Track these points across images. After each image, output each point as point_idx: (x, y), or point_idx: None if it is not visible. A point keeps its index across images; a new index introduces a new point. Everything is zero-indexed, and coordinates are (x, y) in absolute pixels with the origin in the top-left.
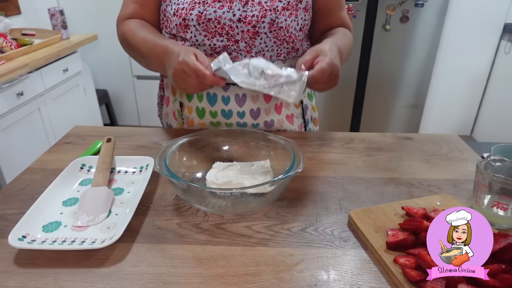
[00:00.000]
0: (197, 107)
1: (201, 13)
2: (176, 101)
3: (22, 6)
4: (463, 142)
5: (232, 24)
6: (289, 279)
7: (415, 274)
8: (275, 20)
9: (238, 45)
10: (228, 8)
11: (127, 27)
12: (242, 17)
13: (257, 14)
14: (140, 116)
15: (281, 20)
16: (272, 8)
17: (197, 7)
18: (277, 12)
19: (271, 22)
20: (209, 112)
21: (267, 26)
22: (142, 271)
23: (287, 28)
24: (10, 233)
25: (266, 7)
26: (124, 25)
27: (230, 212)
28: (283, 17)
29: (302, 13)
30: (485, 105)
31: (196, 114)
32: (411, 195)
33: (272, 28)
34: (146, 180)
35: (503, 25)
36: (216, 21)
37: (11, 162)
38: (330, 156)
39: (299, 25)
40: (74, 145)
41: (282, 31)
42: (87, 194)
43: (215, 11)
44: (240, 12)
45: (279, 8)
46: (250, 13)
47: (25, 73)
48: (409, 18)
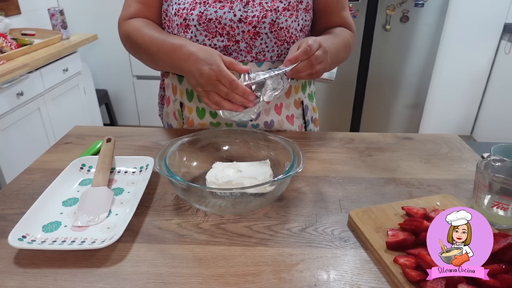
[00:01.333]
0: (197, 107)
1: (201, 13)
2: (176, 101)
3: (22, 6)
4: (463, 142)
5: (232, 24)
6: (289, 279)
7: (415, 274)
8: (276, 20)
9: (238, 45)
10: (229, 9)
11: (131, 26)
12: (243, 18)
13: (258, 15)
14: (140, 116)
15: (281, 20)
16: (273, 8)
17: (198, 7)
18: (278, 13)
19: (271, 23)
20: (209, 113)
21: (267, 26)
22: (142, 271)
23: (288, 29)
24: (10, 233)
25: (266, 7)
26: (127, 24)
27: (230, 212)
28: (284, 17)
29: (303, 14)
30: (485, 105)
31: (196, 114)
32: (411, 195)
33: (272, 28)
34: (146, 180)
35: (503, 25)
36: (217, 21)
37: (11, 162)
38: (330, 156)
39: (299, 25)
40: (74, 145)
41: (282, 31)
42: (87, 194)
43: (216, 11)
44: (241, 12)
45: (280, 8)
46: (250, 13)
47: (25, 73)
48: (409, 18)
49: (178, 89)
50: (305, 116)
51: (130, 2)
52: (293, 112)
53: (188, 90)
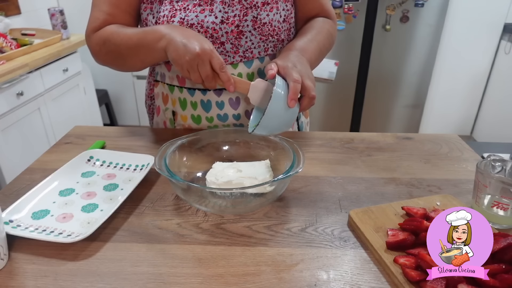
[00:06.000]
0: (192, 114)
1: (182, 19)
2: (167, 110)
3: (22, 6)
4: (463, 142)
5: (215, 26)
6: (289, 279)
7: (415, 274)
8: (257, 17)
9: (224, 47)
10: (209, 12)
11: (106, 32)
12: (224, 18)
13: (239, 14)
14: (140, 116)
15: (263, 16)
16: (252, 5)
17: (178, 14)
18: (258, 8)
19: (253, 20)
20: (205, 118)
21: (250, 24)
22: (142, 271)
23: (271, 23)
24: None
25: (246, 5)
26: (100, 32)
27: (230, 212)
28: (265, 12)
29: (283, 4)
30: (485, 105)
31: (192, 121)
32: (411, 195)
33: (255, 25)
34: (138, 180)
35: (503, 25)
36: (199, 25)
37: (11, 162)
38: (330, 156)
39: (282, 17)
40: (74, 145)
41: (266, 26)
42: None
43: (197, 16)
44: (221, 14)
45: (259, 4)
46: (231, 13)
47: (25, 73)
48: (409, 18)
49: (169, 98)
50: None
51: (97, 15)
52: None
53: (181, 99)
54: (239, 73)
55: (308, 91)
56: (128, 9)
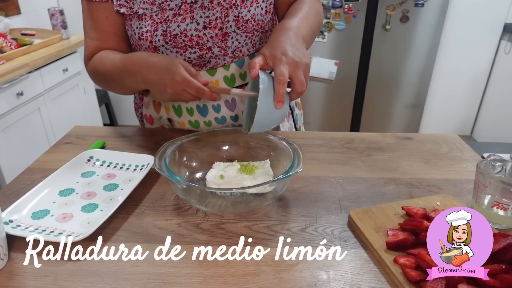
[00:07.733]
0: (190, 120)
1: (165, 31)
2: (162, 118)
3: (22, 6)
4: (463, 142)
5: (199, 33)
6: (289, 279)
7: (415, 274)
8: (239, 15)
9: (212, 52)
10: (190, 19)
11: (95, 61)
12: (207, 23)
13: (220, 16)
14: None
15: (244, 13)
16: (232, 4)
17: (160, 27)
18: (238, 7)
19: (236, 19)
20: (203, 123)
21: (233, 24)
22: (142, 271)
23: (254, 18)
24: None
25: (225, 5)
26: (92, 61)
27: (230, 212)
28: (245, 9)
29: None
30: (485, 105)
31: (190, 126)
32: (411, 195)
33: (238, 24)
34: (138, 180)
35: (503, 25)
36: (183, 34)
37: (11, 162)
38: (330, 156)
39: (263, 9)
40: (74, 145)
41: (249, 23)
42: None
43: (179, 25)
44: (203, 19)
45: (238, 1)
46: (212, 16)
47: (25, 73)
48: (409, 18)
49: (162, 105)
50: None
51: (88, 42)
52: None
53: (175, 106)
54: (232, 75)
55: (295, 86)
56: (114, 31)
